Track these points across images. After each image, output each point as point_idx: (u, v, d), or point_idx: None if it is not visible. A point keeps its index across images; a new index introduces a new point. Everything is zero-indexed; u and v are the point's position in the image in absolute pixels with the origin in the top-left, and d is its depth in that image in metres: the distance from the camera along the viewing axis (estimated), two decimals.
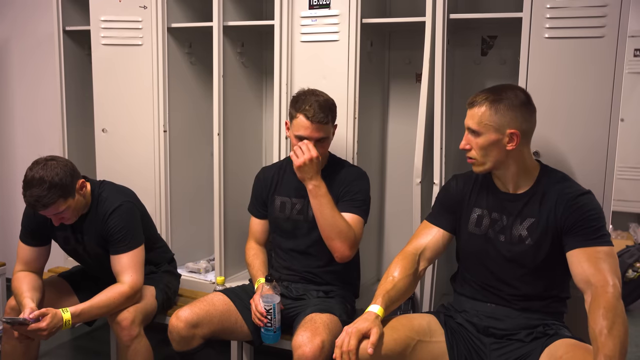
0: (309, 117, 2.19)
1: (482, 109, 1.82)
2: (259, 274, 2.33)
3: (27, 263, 2.40)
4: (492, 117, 1.81)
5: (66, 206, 2.21)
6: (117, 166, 3.02)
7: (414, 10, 2.57)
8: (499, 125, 1.81)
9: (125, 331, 2.25)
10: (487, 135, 1.83)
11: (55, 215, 2.23)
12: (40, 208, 2.16)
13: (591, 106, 2.13)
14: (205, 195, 3.11)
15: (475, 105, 1.84)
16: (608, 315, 1.58)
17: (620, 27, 2.05)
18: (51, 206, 2.17)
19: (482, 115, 1.82)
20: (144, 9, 2.90)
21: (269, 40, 2.85)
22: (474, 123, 1.84)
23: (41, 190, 2.13)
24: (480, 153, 1.86)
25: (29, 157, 2.29)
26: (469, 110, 1.87)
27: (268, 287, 2.16)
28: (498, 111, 1.81)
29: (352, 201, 2.28)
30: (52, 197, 2.15)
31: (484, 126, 1.82)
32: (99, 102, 3.06)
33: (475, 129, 1.84)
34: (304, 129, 2.20)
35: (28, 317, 2.09)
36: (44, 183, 2.13)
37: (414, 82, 2.82)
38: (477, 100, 1.84)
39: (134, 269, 2.31)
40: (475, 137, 1.85)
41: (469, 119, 1.86)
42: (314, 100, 2.21)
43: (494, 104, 1.81)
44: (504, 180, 1.93)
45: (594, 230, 1.78)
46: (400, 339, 1.83)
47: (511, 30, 2.35)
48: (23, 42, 3.80)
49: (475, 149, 1.86)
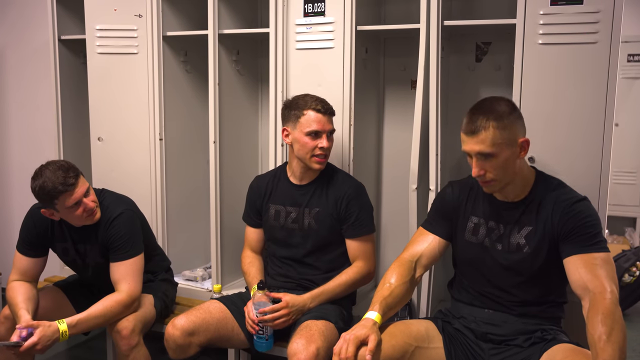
0: (319, 110, 2.24)
1: (490, 131, 1.77)
2: (255, 281, 2.33)
3: (23, 273, 2.39)
4: (503, 135, 1.78)
5: (88, 185, 2.24)
6: (113, 174, 3.02)
7: (409, 17, 2.59)
8: (511, 140, 1.79)
9: (125, 340, 2.24)
10: (503, 154, 1.79)
11: (85, 198, 2.23)
12: (69, 188, 2.17)
13: (586, 111, 2.13)
14: (201, 203, 3.11)
15: (480, 130, 1.78)
16: (606, 321, 1.59)
17: (613, 33, 2.07)
18: (78, 184, 2.20)
19: (493, 138, 1.77)
20: (139, 17, 2.90)
21: (264, 48, 2.85)
22: (487, 147, 1.78)
23: (60, 174, 2.16)
24: (498, 173, 1.82)
25: (25, 165, 2.29)
26: (471, 138, 1.80)
27: (260, 294, 2.16)
28: (506, 127, 1.78)
29: (358, 222, 2.30)
30: (73, 177, 2.19)
31: (498, 146, 1.78)
32: (95, 110, 3.05)
33: (490, 152, 1.78)
34: (316, 122, 2.24)
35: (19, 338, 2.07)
36: (59, 169, 2.18)
37: (409, 88, 2.83)
38: (478, 126, 1.78)
39: (133, 277, 2.30)
40: (490, 160, 1.80)
41: (476, 146, 1.79)
42: (315, 97, 2.28)
43: (498, 121, 1.78)
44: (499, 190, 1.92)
45: (591, 237, 1.78)
46: (399, 345, 1.83)
47: (505, 37, 2.36)
48: (19, 51, 3.81)
49: (491, 171, 1.82)
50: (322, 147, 2.24)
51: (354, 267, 2.31)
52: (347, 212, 2.30)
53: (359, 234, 2.31)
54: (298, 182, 2.38)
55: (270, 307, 2.12)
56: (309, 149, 2.25)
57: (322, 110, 2.24)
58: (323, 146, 2.24)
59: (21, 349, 2.06)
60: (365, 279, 2.33)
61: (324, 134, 2.25)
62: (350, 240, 2.33)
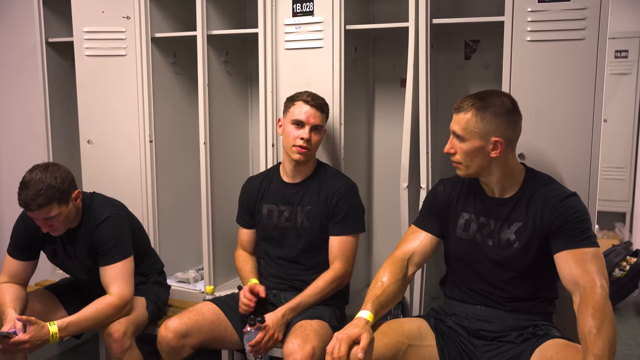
0: (307, 101, 2.28)
1: (467, 115, 1.83)
2: (251, 276, 2.35)
3: (13, 276, 2.38)
4: (477, 124, 1.82)
5: (58, 212, 2.20)
6: (103, 177, 3.00)
7: (398, 16, 2.59)
8: (483, 133, 1.82)
9: (117, 343, 2.22)
10: (471, 142, 1.83)
11: (45, 220, 2.20)
12: (34, 208, 2.14)
13: (574, 107, 2.15)
14: (192, 204, 3.10)
15: (462, 110, 1.85)
16: (597, 315, 1.60)
17: (600, 29, 2.08)
18: (44, 208, 2.15)
19: (467, 122, 1.83)
20: (127, 19, 2.89)
21: (253, 48, 2.85)
22: (460, 128, 1.85)
23: (38, 190, 2.13)
24: (464, 158, 1.87)
25: (14, 169, 2.28)
26: (455, 115, 1.88)
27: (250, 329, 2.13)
28: (484, 119, 1.81)
29: (344, 221, 2.30)
30: (47, 199, 2.14)
31: (469, 132, 1.83)
32: (84, 113, 3.04)
33: (460, 134, 1.85)
34: (302, 113, 2.27)
35: (15, 327, 2.06)
36: (42, 183, 2.14)
37: (399, 87, 2.84)
38: (463, 105, 1.85)
39: (123, 280, 2.29)
40: (460, 142, 1.86)
41: (454, 124, 1.87)
42: (310, 92, 2.33)
43: (479, 110, 1.82)
44: (490, 185, 1.94)
45: (580, 232, 1.79)
46: (391, 344, 1.83)
47: (494, 34, 2.37)
48: (6, 54, 3.79)
49: (459, 153, 1.87)
50: (302, 137, 2.25)
51: (330, 271, 2.28)
52: (335, 209, 2.30)
53: (343, 232, 2.30)
54: (290, 180, 2.38)
55: (256, 338, 2.10)
56: (291, 137, 2.28)
57: (310, 102, 2.28)
58: (303, 137, 2.25)
59: (10, 341, 2.05)
60: (343, 282, 2.31)
61: (307, 126, 2.26)
62: (334, 238, 2.31)
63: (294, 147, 2.27)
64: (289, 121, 2.29)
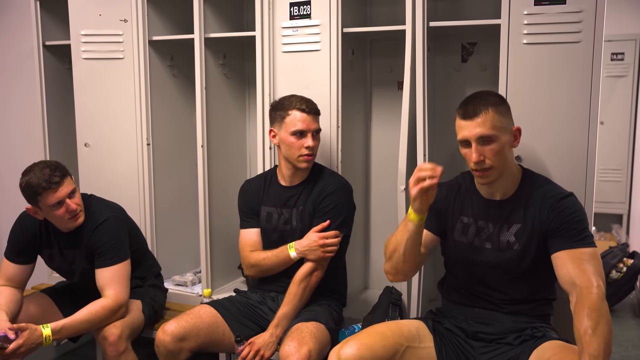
0: (304, 109, 2.26)
1: (489, 114, 1.81)
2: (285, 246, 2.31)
3: (10, 279, 2.38)
4: (501, 119, 1.83)
5: (74, 187, 2.26)
6: (100, 180, 3.00)
7: (395, 19, 2.60)
8: (508, 125, 1.86)
9: (113, 346, 2.22)
10: (502, 139, 1.83)
11: (70, 200, 2.23)
12: (57, 180, 2.19)
13: (571, 110, 2.15)
14: (190, 207, 3.10)
15: (480, 113, 1.81)
16: (592, 315, 1.60)
17: (596, 32, 2.09)
18: (65, 180, 2.22)
19: (492, 120, 1.81)
20: (124, 22, 2.89)
21: (250, 51, 2.85)
22: (488, 129, 1.80)
23: (50, 168, 2.20)
24: (496, 159, 1.83)
25: (11, 172, 2.28)
26: (472, 121, 1.82)
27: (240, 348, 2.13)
28: (503, 113, 1.84)
29: (326, 217, 2.27)
30: (62, 173, 2.22)
31: (499, 129, 1.82)
32: (81, 116, 3.04)
33: (490, 134, 1.81)
34: (301, 122, 2.25)
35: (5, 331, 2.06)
36: (46, 164, 2.22)
37: (396, 89, 2.84)
38: (478, 109, 1.82)
39: (118, 283, 2.29)
40: (489, 144, 1.82)
41: (476, 128, 1.81)
42: (300, 97, 2.30)
43: (496, 106, 1.83)
44: (490, 186, 1.93)
45: (578, 232, 1.79)
46: (389, 345, 1.83)
47: (490, 37, 2.38)
48: (3, 57, 3.78)
49: (490, 157, 1.83)
50: (308, 146, 2.25)
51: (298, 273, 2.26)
52: (321, 205, 2.29)
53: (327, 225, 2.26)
54: (287, 184, 2.38)
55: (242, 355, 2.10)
56: (295, 148, 2.26)
57: (306, 109, 2.26)
58: (309, 145, 2.25)
59: (6, 351, 2.05)
60: (314, 280, 2.27)
61: (309, 133, 2.26)
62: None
63: (301, 157, 2.26)
64: (288, 132, 2.26)
